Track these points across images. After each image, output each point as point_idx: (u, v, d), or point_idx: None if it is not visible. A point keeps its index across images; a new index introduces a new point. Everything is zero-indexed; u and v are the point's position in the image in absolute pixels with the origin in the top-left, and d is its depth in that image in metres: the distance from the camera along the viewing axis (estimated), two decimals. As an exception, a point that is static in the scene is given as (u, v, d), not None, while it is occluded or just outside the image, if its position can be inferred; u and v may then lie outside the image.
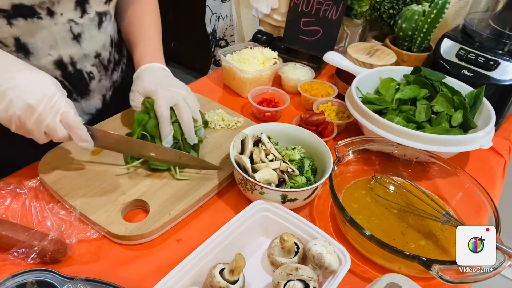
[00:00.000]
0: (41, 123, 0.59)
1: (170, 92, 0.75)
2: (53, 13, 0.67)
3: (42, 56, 0.71)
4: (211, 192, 0.74)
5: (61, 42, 0.71)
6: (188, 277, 0.56)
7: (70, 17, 0.70)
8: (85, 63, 0.78)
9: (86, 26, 0.74)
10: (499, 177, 0.88)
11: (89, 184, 0.71)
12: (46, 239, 0.58)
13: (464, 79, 0.93)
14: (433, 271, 0.56)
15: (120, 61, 0.92)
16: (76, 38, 0.73)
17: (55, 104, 0.60)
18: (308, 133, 0.79)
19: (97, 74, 0.82)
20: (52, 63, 0.73)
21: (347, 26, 1.28)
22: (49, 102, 0.59)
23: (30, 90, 0.59)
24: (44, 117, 0.59)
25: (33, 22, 0.66)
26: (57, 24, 0.69)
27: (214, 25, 1.92)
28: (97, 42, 0.78)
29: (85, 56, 0.77)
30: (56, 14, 0.68)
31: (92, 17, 0.74)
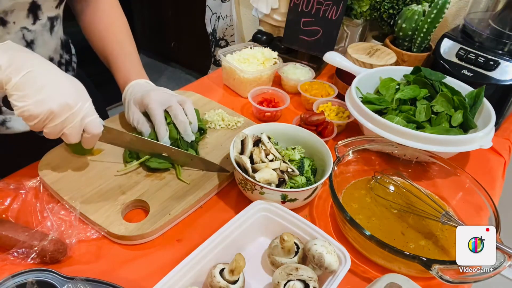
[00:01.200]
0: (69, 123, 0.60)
1: (162, 94, 0.77)
2: (6, 22, 0.66)
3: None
4: (211, 192, 0.74)
5: None
6: (188, 277, 0.56)
7: (22, 25, 0.69)
8: None
9: (38, 32, 0.73)
10: (499, 177, 0.88)
11: (89, 184, 0.71)
12: (46, 239, 0.58)
13: (464, 79, 0.93)
14: (433, 271, 0.56)
15: (71, 61, 0.91)
16: (29, 45, 0.72)
17: (87, 109, 0.62)
18: (308, 133, 0.79)
19: None
20: None
21: (347, 26, 1.28)
22: (83, 105, 0.61)
23: (68, 90, 0.60)
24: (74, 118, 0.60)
25: None
26: (9, 33, 0.67)
27: (214, 25, 1.92)
28: (49, 47, 0.77)
29: None
30: (9, 23, 0.66)
31: (44, 22, 0.73)
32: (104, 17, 0.85)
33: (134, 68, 0.84)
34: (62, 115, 0.59)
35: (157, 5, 2.76)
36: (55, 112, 0.58)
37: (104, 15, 0.85)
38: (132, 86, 0.81)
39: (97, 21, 0.85)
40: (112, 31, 0.85)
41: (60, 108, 0.58)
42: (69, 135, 0.62)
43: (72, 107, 0.60)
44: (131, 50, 0.86)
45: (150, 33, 3.01)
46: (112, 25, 0.86)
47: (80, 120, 0.61)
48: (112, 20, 0.86)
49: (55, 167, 0.73)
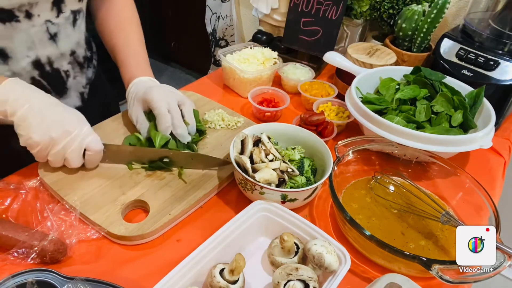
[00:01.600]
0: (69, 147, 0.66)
1: (164, 91, 0.78)
2: (31, 15, 0.69)
3: (20, 58, 0.72)
4: (211, 192, 0.74)
5: (38, 43, 0.73)
6: (188, 277, 0.56)
7: (47, 18, 0.71)
8: (62, 62, 0.79)
9: (61, 25, 0.75)
10: (499, 177, 0.88)
11: (89, 184, 0.71)
12: (46, 239, 0.58)
13: (464, 79, 0.93)
14: (433, 271, 0.56)
15: (92, 58, 0.93)
16: (52, 38, 0.75)
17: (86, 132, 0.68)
18: (308, 133, 0.79)
19: (73, 72, 0.83)
20: (30, 64, 0.74)
21: (347, 26, 1.28)
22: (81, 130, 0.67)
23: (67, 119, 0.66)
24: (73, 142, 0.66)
25: (11, 26, 0.67)
26: (34, 26, 0.70)
27: (214, 25, 1.92)
28: (72, 41, 0.80)
29: (61, 55, 0.78)
30: (34, 16, 0.69)
31: (67, 15, 0.76)
32: (116, 15, 0.88)
33: (139, 65, 0.85)
34: (62, 141, 0.65)
35: (157, 5, 2.76)
36: (55, 138, 0.64)
37: (117, 13, 0.88)
38: (135, 83, 0.82)
39: (110, 18, 0.88)
40: (122, 28, 0.87)
41: (59, 134, 0.64)
42: (70, 160, 0.68)
43: (71, 132, 0.65)
44: (139, 48, 0.87)
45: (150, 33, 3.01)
46: (123, 22, 0.88)
47: (79, 142, 0.67)
48: (123, 18, 0.89)
49: (55, 167, 0.73)
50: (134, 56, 0.86)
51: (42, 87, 0.77)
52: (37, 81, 0.76)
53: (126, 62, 0.85)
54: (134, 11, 0.91)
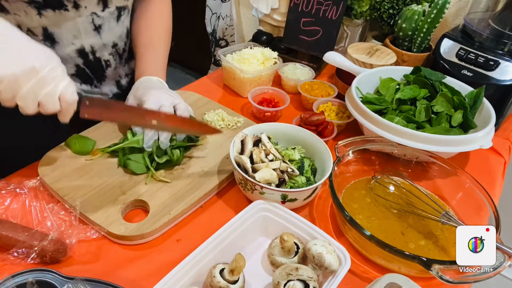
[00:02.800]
0: (40, 90, 0.55)
1: (161, 94, 0.77)
2: (79, 6, 0.73)
3: (66, 45, 0.76)
4: (211, 192, 0.74)
5: (83, 32, 0.77)
6: (188, 277, 0.56)
7: (93, 10, 0.75)
8: (104, 52, 0.83)
9: (106, 19, 0.79)
10: (499, 177, 0.88)
11: (89, 184, 0.71)
12: (46, 239, 0.58)
13: (464, 79, 0.93)
14: (433, 271, 0.56)
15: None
16: (97, 29, 0.79)
17: (60, 74, 0.57)
18: (308, 133, 0.79)
19: (113, 62, 0.87)
20: (75, 52, 0.78)
21: (347, 26, 1.28)
22: (54, 70, 0.56)
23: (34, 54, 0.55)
24: (45, 84, 0.55)
25: (60, 14, 0.71)
26: (81, 16, 0.74)
27: (214, 25, 1.92)
28: (115, 34, 0.83)
29: (104, 45, 0.82)
30: (81, 7, 0.73)
31: (112, 11, 0.79)
32: (149, 15, 0.90)
33: (153, 65, 0.86)
34: (29, 80, 0.54)
35: (157, 5, 2.75)
36: (19, 76, 0.53)
37: (150, 14, 0.91)
38: (142, 81, 0.82)
39: (143, 18, 0.90)
40: (149, 27, 0.90)
41: (24, 71, 0.53)
42: (45, 104, 0.57)
43: (39, 71, 0.54)
44: (159, 49, 0.89)
45: (150, 33, 3.00)
46: (152, 24, 0.90)
47: (53, 86, 0.56)
48: (155, 21, 0.91)
49: (55, 167, 0.73)
50: (151, 54, 0.87)
51: (85, 75, 0.82)
52: (81, 69, 0.81)
53: (142, 58, 0.87)
54: (168, 17, 0.93)
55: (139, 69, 0.86)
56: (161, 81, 0.84)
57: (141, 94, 0.77)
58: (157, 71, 0.85)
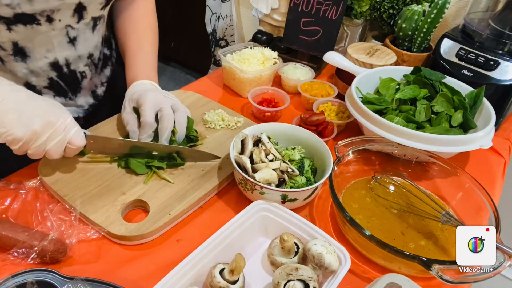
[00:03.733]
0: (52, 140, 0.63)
1: (158, 96, 0.77)
2: (52, 19, 0.69)
3: (38, 58, 0.73)
4: (211, 192, 0.74)
5: (57, 45, 0.73)
6: (188, 277, 0.56)
7: (67, 23, 0.72)
8: (79, 63, 0.80)
9: (81, 30, 0.76)
10: (499, 177, 0.88)
11: (89, 184, 0.71)
12: (46, 239, 0.58)
13: (464, 79, 0.93)
14: (433, 271, 0.56)
15: (110, 56, 0.93)
16: (71, 41, 0.75)
17: (69, 123, 0.64)
18: (308, 133, 0.79)
19: (89, 73, 0.84)
20: (48, 65, 0.75)
21: (347, 26, 1.28)
22: (65, 121, 0.63)
23: (47, 109, 0.62)
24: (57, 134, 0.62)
25: (32, 28, 0.68)
26: (54, 30, 0.71)
27: (214, 25, 1.91)
28: (90, 44, 0.80)
29: (79, 57, 0.79)
30: (55, 21, 0.70)
31: (88, 22, 0.76)
32: (134, 19, 0.89)
33: (144, 68, 0.85)
34: (45, 133, 0.61)
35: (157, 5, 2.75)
36: (39, 131, 0.61)
37: (135, 18, 0.89)
38: (135, 85, 0.81)
39: (128, 22, 0.88)
40: (136, 31, 0.88)
41: (43, 126, 0.61)
42: (52, 152, 0.64)
43: (54, 123, 0.62)
44: (148, 51, 0.87)
45: (150, 33, 3.00)
46: (138, 26, 0.89)
47: (63, 136, 0.63)
48: (140, 22, 0.89)
49: (55, 167, 0.73)
50: (141, 58, 0.86)
51: (59, 87, 0.79)
52: (55, 82, 0.78)
53: (132, 63, 0.85)
54: (153, 18, 0.92)
55: (131, 73, 0.84)
56: (154, 84, 0.83)
57: (138, 97, 0.77)
58: (149, 74, 0.84)
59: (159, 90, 0.81)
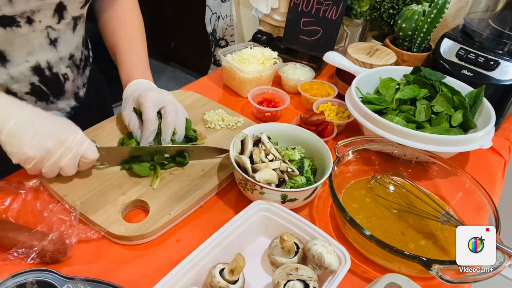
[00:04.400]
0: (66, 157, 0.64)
1: (159, 95, 0.77)
2: (32, 21, 0.67)
3: (19, 63, 0.71)
4: (211, 192, 0.74)
5: (38, 48, 0.72)
6: (188, 277, 0.56)
7: (47, 24, 0.70)
8: (60, 65, 0.78)
9: (62, 31, 0.74)
10: (499, 177, 0.88)
11: (89, 184, 0.71)
12: (46, 239, 0.58)
13: (464, 79, 0.93)
14: (433, 271, 0.56)
15: (88, 56, 0.93)
16: (52, 43, 0.74)
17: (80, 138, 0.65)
18: (308, 133, 0.79)
19: (71, 74, 0.82)
20: (29, 69, 0.73)
21: (347, 26, 1.28)
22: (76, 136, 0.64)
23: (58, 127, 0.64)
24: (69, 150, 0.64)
25: (12, 31, 0.66)
26: (35, 31, 0.69)
27: (214, 25, 1.91)
28: (71, 45, 0.79)
29: (60, 59, 0.78)
30: (35, 22, 0.68)
31: (68, 21, 0.75)
32: (120, 16, 0.88)
33: (139, 67, 0.85)
34: (58, 151, 0.62)
35: (157, 5, 2.76)
36: (51, 150, 0.62)
37: (122, 15, 0.88)
38: (133, 85, 0.81)
39: (114, 20, 0.87)
40: (125, 29, 0.87)
41: (55, 145, 0.62)
42: (67, 168, 0.65)
43: (65, 141, 0.63)
44: (140, 49, 0.87)
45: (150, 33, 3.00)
46: (126, 24, 0.88)
47: (75, 151, 0.64)
48: (127, 19, 0.88)
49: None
50: (134, 57, 0.85)
51: (41, 92, 0.77)
52: (36, 87, 0.76)
53: (126, 63, 0.85)
54: (138, 15, 0.91)
55: (125, 73, 0.84)
56: (151, 83, 0.84)
57: (138, 96, 0.77)
58: (144, 72, 0.84)
59: (158, 89, 0.82)
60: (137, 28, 0.89)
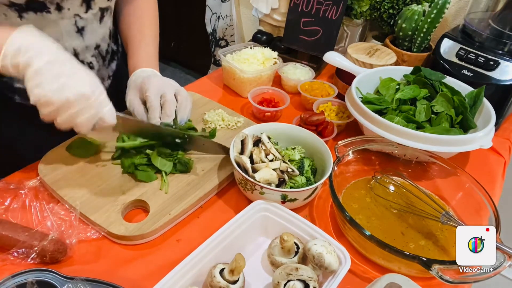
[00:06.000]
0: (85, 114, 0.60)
1: (162, 81, 0.78)
2: (61, 8, 0.71)
3: None
4: (211, 192, 0.74)
5: (66, 35, 0.75)
6: (188, 277, 0.56)
7: (75, 12, 0.74)
8: (86, 54, 0.81)
9: (89, 20, 0.77)
10: (499, 177, 0.88)
11: (89, 184, 0.71)
12: (46, 239, 0.58)
13: (464, 79, 0.93)
14: (433, 271, 0.56)
15: (117, 51, 0.95)
16: (79, 31, 0.77)
17: (103, 99, 0.63)
18: (308, 133, 0.79)
19: (96, 64, 0.85)
20: None
21: (347, 26, 1.28)
22: (99, 96, 0.61)
23: (85, 80, 0.61)
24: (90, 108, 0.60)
25: (42, 16, 0.69)
26: (63, 18, 0.72)
27: (214, 25, 1.91)
28: (97, 35, 0.82)
29: (86, 47, 0.80)
30: (64, 9, 0.71)
31: (95, 12, 0.78)
32: (137, 12, 0.90)
33: (147, 57, 0.86)
34: (78, 104, 0.59)
35: (157, 5, 2.75)
36: (71, 101, 0.58)
37: (138, 11, 0.90)
38: (137, 72, 0.83)
39: (131, 15, 0.90)
40: (139, 23, 0.90)
41: (76, 97, 0.58)
42: (81, 126, 0.61)
43: (89, 97, 0.60)
44: (151, 43, 0.89)
45: (150, 33, 3.00)
46: (141, 19, 0.90)
47: (96, 111, 0.61)
48: (143, 15, 0.91)
49: (55, 167, 0.73)
50: (143, 48, 0.87)
51: None
52: None
53: (135, 52, 0.87)
54: (154, 13, 0.94)
55: (133, 62, 0.85)
56: (156, 72, 0.85)
57: (141, 83, 0.77)
58: (151, 63, 0.86)
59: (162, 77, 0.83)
60: (150, 24, 0.91)
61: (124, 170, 0.73)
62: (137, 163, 0.73)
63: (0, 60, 0.57)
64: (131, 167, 0.73)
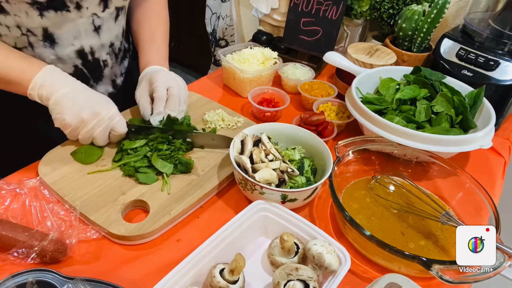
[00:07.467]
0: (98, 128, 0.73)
1: (169, 75, 0.84)
2: (81, 7, 0.74)
3: (66, 46, 0.77)
4: (211, 192, 0.74)
5: (84, 33, 0.78)
6: (188, 277, 0.56)
7: (93, 11, 0.77)
8: (102, 52, 0.85)
9: (105, 19, 0.80)
10: (499, 177, 0.88)
11: (89, 184, 0.71)
12: (46, 239, 0.58)
13: (464, 79, 0.93)
14: (433, 271, 0.56)
15: (128, 49, 0.98)
16: (96, 30, 0.80)
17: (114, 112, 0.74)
18: (308, 133, 0.79)
19: (110, 61, 0.88)
20: (74, 53, 0.79)
21: (347, 26, 1.28)
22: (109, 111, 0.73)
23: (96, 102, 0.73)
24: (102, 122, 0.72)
25: (62, 15, 0.72)
26: (82, 17, 0.76)
27: (214, 25, 1.91)
28: (112, 34, 0.85)
29: (102, 46, 0.84)
30: (83, 8, 0.74)
31: (112, 11, 0.81)
32: (148, 12, 0.94)
33: (157, 56, 0.90)
34: (91, 122, 0.71)
35: (157, 5, 2.75)
36: (85, 119, 0.71)
37: (149, 11, 0.94)
38: (147, 70, 0.86)
39: (142, 15, 0.93)
40: (150, 23, 0.93)
41: (89, 116, 0.71)
42: (98, 138, 0.74)
43: (99, 114, 0.72)
44: (160, 41, 0.92)
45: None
46: (152, 18, 0.94)
47: (106, 124, 0.73)
48: (154, 15, 0.94)
49: (55, 167, 0.73)
50: (154, 47, 0.91)
51: (83, 75, 0.83)
52: (79, 69, 0.82)
53: (145, 51, 0.90)
54: (165, 13, 0.97)
55: (144, 60, 0.89)
56: (165, 70, 0.88)
57: (150, 77, 0.82)
58: (161, 61, 0.89)
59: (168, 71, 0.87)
60: (160, 23, 0.94)
61: (125, 173, 0.73)
62: (138, 166, 0.73)
63: (29, 89, 0.70)
64: (131, 171, 0.73)
